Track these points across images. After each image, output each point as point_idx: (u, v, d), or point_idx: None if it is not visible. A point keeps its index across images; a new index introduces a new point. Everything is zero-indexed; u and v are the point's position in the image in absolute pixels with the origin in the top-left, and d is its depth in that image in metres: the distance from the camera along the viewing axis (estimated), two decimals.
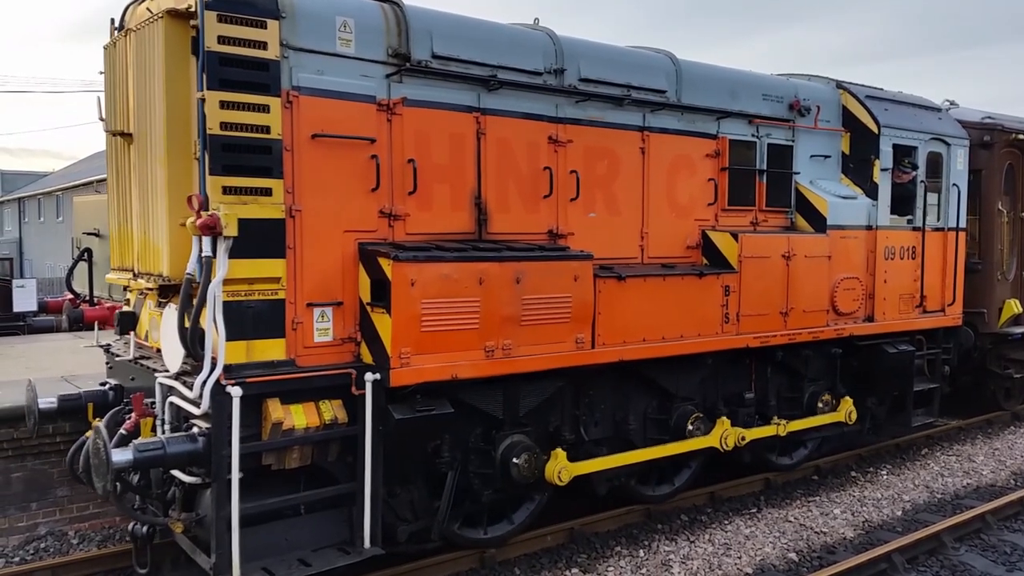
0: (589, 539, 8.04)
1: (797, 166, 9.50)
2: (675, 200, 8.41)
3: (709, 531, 8.38)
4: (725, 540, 8.13)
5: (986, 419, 13.58)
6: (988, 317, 12.21)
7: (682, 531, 8.39)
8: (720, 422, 8.44)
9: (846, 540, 8.32)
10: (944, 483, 10.24)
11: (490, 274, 6.45)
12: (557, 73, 7.46)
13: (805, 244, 9.00)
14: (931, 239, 10.47)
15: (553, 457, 7.27)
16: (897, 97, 10.55)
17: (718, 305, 8.23)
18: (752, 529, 8.45)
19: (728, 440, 8.45)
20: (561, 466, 7.24)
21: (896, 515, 9.07)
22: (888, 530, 8.60)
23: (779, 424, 9.02)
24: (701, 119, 8.60)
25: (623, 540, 8.09)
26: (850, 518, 8.89)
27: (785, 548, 8.00)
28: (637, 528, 8.42)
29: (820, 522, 8.72)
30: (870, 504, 9.34)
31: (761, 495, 9.56)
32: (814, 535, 8.36)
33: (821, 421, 9.45)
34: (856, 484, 10.08)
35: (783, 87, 9.41)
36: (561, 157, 7.49)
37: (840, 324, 9.47)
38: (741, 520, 8.70)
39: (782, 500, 9.41)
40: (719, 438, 8.40)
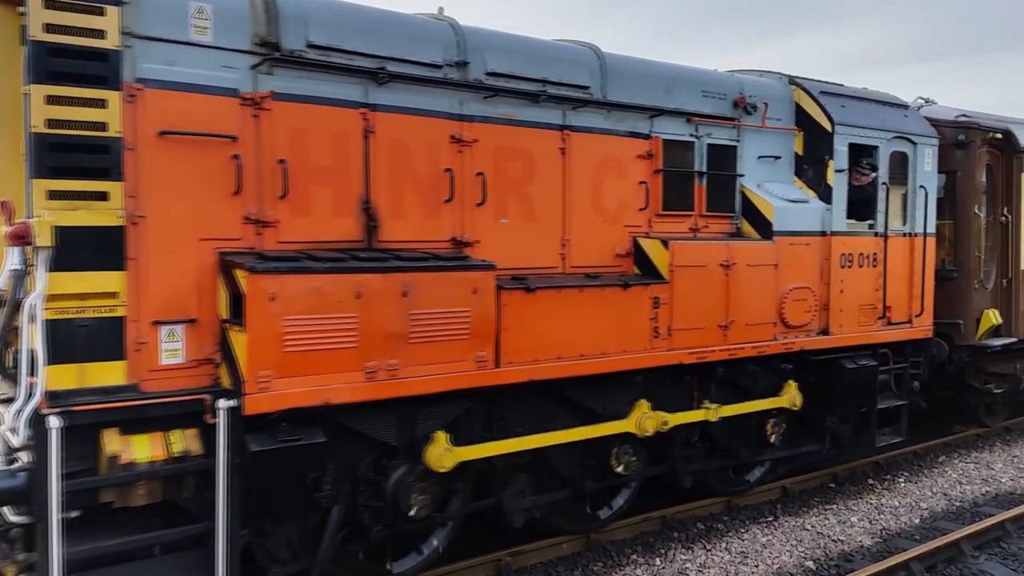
0: (605, 547, 7.97)
1: (742, 168, 8.83)
2: (602, 205, 7.75)
3: (726, 539, 8.31)
4: (742, 548, 8.08)
5: (1004, 426, 13.09)
6: (964, 328, 11.46)
7: (699, 539, 8.31)
8: (638, 405, 7.66)
9: (864, 548, 8.23)
10: (962, 490, 10.10)
11: (370, 287, 5.80)
12: (459, 66, 6.83)
13: (747, 252, 8.32)
14: (895, 245, 9.76)
15: (434, 441, 6.44)
16: (858, 93, 9.86)
17: (646, 319, 7.55)
18: (769, 537, 8.38)
19: (647, 424, 7.64)
20: (443, 450, 6.45)
21: (914, 523, 8.98)
22: (906, 538, 8.49)
23: (710, 408, 8.20)
24: (631, 117, 7.94)
25: (639, 548, 8.03)
26: (867, 526, 8.81)
27: (802, 556, 7.95)
28: (653, 536, 8.34)
29: (837, 530, 8.65)
30: (887, 512, 9.27)
31: (778, 503, 9.46)
32: (831, 543, 8.30)
33: (759, 406, 8.64)
34: (873, 491, 9.99)
35: (726, 83, 8.75)
36: (466, 158, 6.85)
37: (790, 338, 8.78)
38: (758, 528, 8.64)
39: (799, 508, 9.33)
40: (636, 422, 7.62)
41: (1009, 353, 12.41)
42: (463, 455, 6.54)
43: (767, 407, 8.69)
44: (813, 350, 9.07)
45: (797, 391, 8.91)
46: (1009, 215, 12.13)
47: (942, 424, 12.63)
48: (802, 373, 9.28)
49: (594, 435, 7.41)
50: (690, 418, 8.10)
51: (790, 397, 8.89)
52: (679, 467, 8.43)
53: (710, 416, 8.23)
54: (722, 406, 8.33)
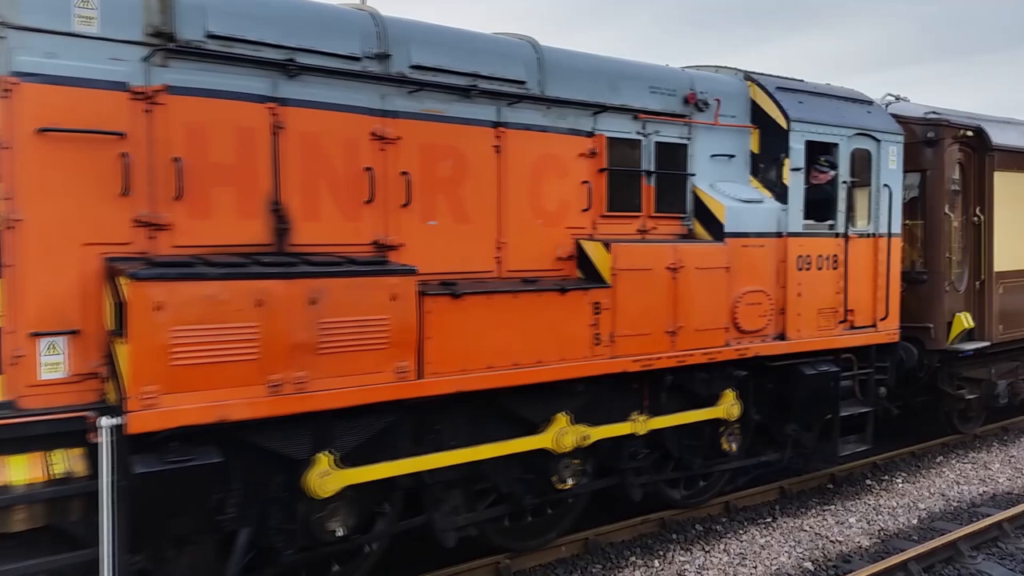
0: (604, 549, 7.98)
1: (694, 167, 8.45)
2: (541, 206, 7.37)
3: (724, 541, 8.32)
4: (740, 550, 8.09)
5: (1001, 426, 13.08)
6: (935, 332, 11.10)
7: (697, 541, 8.32)
8: (557, 419, 7.19)
9: (862, 549, 8.26)
10: (960, 491, 10.14)
11: (273, 294, 5.40)
12: (380, 59, 6.44)
13: (696, 254, 7.93)
14: (857, 246, 9.39)
15: (314, 464, 5.88)
16: (818, 89, 9.50)
17: (586, 325, 7.16)
18: (767, 538, 8.39)
19: (565, 440, 7.15)
20: (322, 473, 5.89)
21: (912, 523, 9.01)
22: (904, 538, 8.52)
23: (637, 420, 7.72)
24: (573, 114, 7.56)
25: (638, 550, 8.04)
26: (865, 527, 8.83)
27: (800, 557, 7.96)
28: (652, 538, 8.35)
29: (835, 531, 8.67)
30: (885, 512, 9.29)
31: (776, 504, 9.49)
32: (829, 544, 8.31)
33: (692, 417, 8.17)
34: (871, 492, 10.00)
35: (676, 79, 8.37)
36: (390, 156, 6.47)
37: (744, 343, 8.40)
38: (756, 529, 8.66)
39: (797, 509, 9.35)
40: (553, 438, 7.14)
41: (984, 358, 12.06)
42: (348, 478, 5.99)
43: (700, 418, 8.26)
44: (770, 356, 8.69)
45: (735, 400, 8.47)
46: (982, 215, 11.78)
47: (914, 432, 12.26)
48: (760, 380, 8.92)
49: (501, 453, 6.88)
50: (614, 432, 7.62)
51: (726, 407, 8.45)
52: (627, 479, 8.04)
53: (637, 429, 7.75)
54: (651, 418, 7.86)
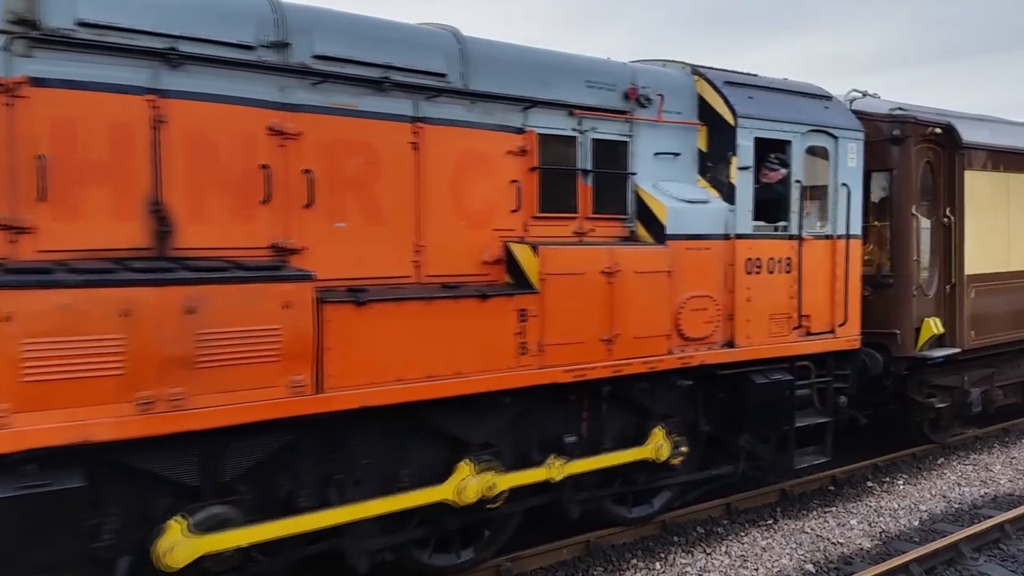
0: (605, 552, 7.95)
1: (635, 166, 8.01)
2: (465, 206, 6.93)
3: (726, 543, 8.31)
4: (742, 552, 8.09)
5: (1002, 427, 13.02)
6: (902, 338, 10.63)
7: (698, 543, 8.29)
8: (459, 468, 6.70)
9: (863, 551, 8.27)
10: (961, 492, 10.16)
11: (142, 303, 4.95)
12: (278, 47, 5.99)
13: (634, 258, 7.50)
14: (812, 249, 8.95)
15: (165, 531, 5.34)
16: (771, 84, 9.06)
17: (511, 333, 6.72)
18: (769, 541, 8.39)
19: (468, 492, 6.65)
20: (173, 543, 5.32)
21: (913, 525, 9.02)
22: (905, 540, 8.53)
23: (553, 465, 7.22)
24: (500, 109, 7.13)
25: (639, 553, 8.02)
26: (867, 528, 8.84)
27: (802, 559, 7.96)
28: (653, 541, 8.31)
29: (837, 533, 8.68)
30: (887, 514, 9.30)
31: (777, 506, 9.48)
32: (831, 546, 8.32)
33: (614, 460, 7.69)
34: (872, 494, 10.01)
35: (615, 73, 7.94)
36: (290, 152, 6.02)
37: (689, 351, 7.95)
38: (757, 532, 8.66)
39: (798, 511, 9.34)
40: (455, 489, 6.65)
41: (956, 365, 11.62)
42: (204, 546, 5.41)
43: (624, 461, 7.78)
44: (719, 364, 8.25)
45: (664, 439, 8.00)
46: (952, 216, 11.33)
47: (884, 441, 11.82)
48: (710, 389, 8.49)
49: (391, 509, 6.34)
50: (526, 479, 7.12)
51: (653, 447, 7.97)
52: (565, 495, 7.58)
53: (553, 475, 7.23)
54: (570, 461, 7.34)
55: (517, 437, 7.25)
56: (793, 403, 8.83)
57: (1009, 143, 12.40)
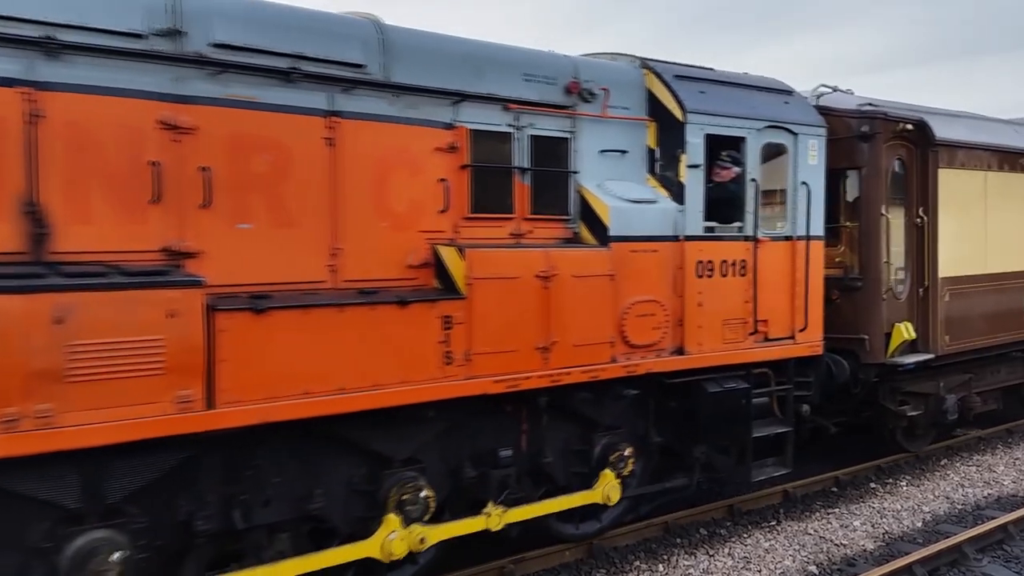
0: (608, 554, 7.96)
1: (578, 164, 7.60)
2: (388, 207, 6.50)
3: (728, 545, 8.31)
4: (745, 554, 8.08)
5: (1005, 428, 12.94)
6: (871, 344, 10.20)
7: (701, 545, 8.30)
8: (387, 521, 6.26)
9: (866, 552, 8.27)
10: (964, 493, 10.17)
11: (4, 312, 4.53)
12: (171, 35, 5.57)
13: (573, 261, 7.08)
14: (769, 251, 8.52)
15: None
16: (726, 78, 8.64)
17: (434, 342, 6.30)
18: (772, 542, 8.39)
19: (394, 546, 6.19)
20: None
21: (916, 526, 9.04)
22: (909, 542, 8.53)
23: (490, 515, 6.83)
24: (427, 103, 6.71)
25: (642, 555, 8.02)
26: (870, 530, 8.85)
27: (805, 561, 7.95)
28: (656, 542, 8.32)
29: (840, 534, 8.69)
30: (890, 515, 9.31)
31: (780, 508, 9.49)
32: (834, 547, 8.32)
33: (558, 507, 7.33)
34: (875, 495, 10.03)
35: (555, 65, 7.52)
36: (186, 148, 5.59)
37: (635, 359, 7.54)
38: (760, 533, 8.65)
39: (801, 513, 9.34)
40: (380, 544, 6.20)
41: (930, 371, 11.19)
42: None
43: (570, 506, 7.41)
44: (668, 372, 7.84)
45: (615, 483, 7.60)
46: (925, 216, 10.90)
47: (857, 451, 11.39)
48: (662, 398, 8.08)
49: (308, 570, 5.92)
50: (460, 531, 6.73)
51: (603, 491, 7.55)
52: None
53: (491, 525, 6.84)
54: (509, 509, 6.95)
55: (446, 452, 6.83)
56: (749, 412, 8.41)
57: (987, 140, 11.99)
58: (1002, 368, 12.87)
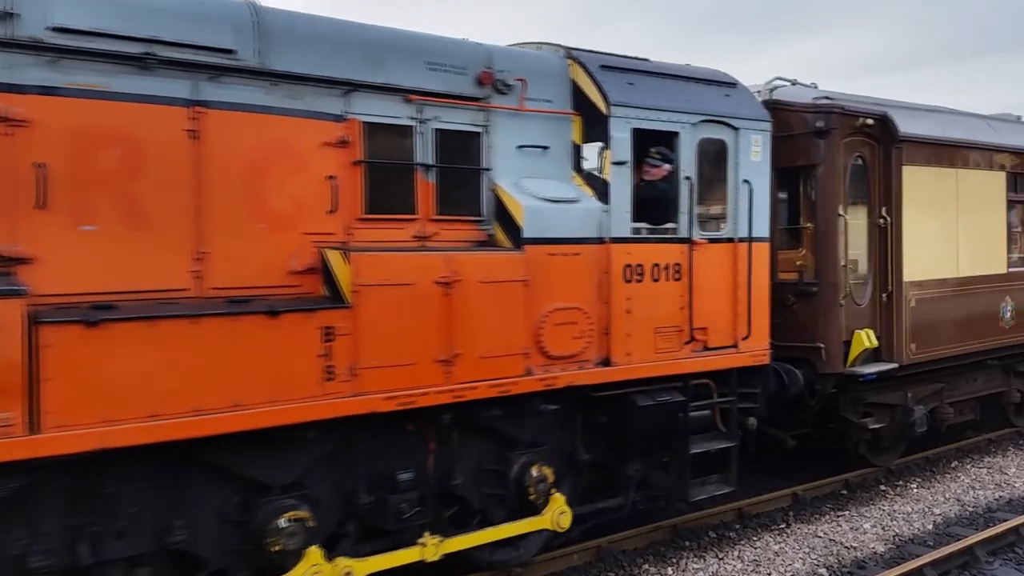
0: (616, 557, 7.94)
1: (492, 160, 7.01)
2: (265, 206, 5.91)
3: (738, 548, 8.28)
4: (754, 557, 8.06)
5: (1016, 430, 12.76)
6: (828, 353, 9.56)
7: (710, 548, 8.27)
8: (308, 555, 5.71)
9: (877, 555, 8.22)
10: (975, 496, 10.11)
11: None
12: (3, 18, 4.99)
13: (481, 265, 6.48)
14: (706, 253, 7.91)
15: None
16: (659, 69, 8.03)
17: (313, 356, 5.70)
18: (781, 545, 8.36)
19: None
20: None
21: (927, 529, 8.99)
22: (919, 544, 8.49)
23: (428, 543, 6.30)
24: (312, 93, 6.13)
25: (651, 558, 8.00)
26: (880, 532, 8.81)
27: (815, 564, 7.93)
28: (665, 546, 8.32)
29: (850, 537, 8.64)
30: (900, 518, 9.27)
31: (790, 510, 9.48)
32: (844, 550, 8.28)
33: (503, 534, 6.79)
34: (885, 498, 10.00)
35: (465, 54, 6.93)
36: (18, 142, 5.01)
37: (554, 371, 6.93)
38: (770, 536, 8.64)
39: (811, 515, 9.33)
40: None
41: (896, 380, 10.56)
42: None
43: (516, 533, 6.89)
44: (596, 385, 7.23)
45: (565, 508, 7.06)
46: (889, 216, 10.27)
47: (821, 465, 10.77)
48: (591, 413, 7.47)
49: None
50: (392, 563, 6.20)
51: (552, 516, 7.02)
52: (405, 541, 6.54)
53: (427, 555, 6.33)
54: (447, 539, 6.46)
55: (337, 476, 6.22)
56: (686, 427, 7.80)
57: (958, 136, 11.36)
58: (978, 377, 12.22)
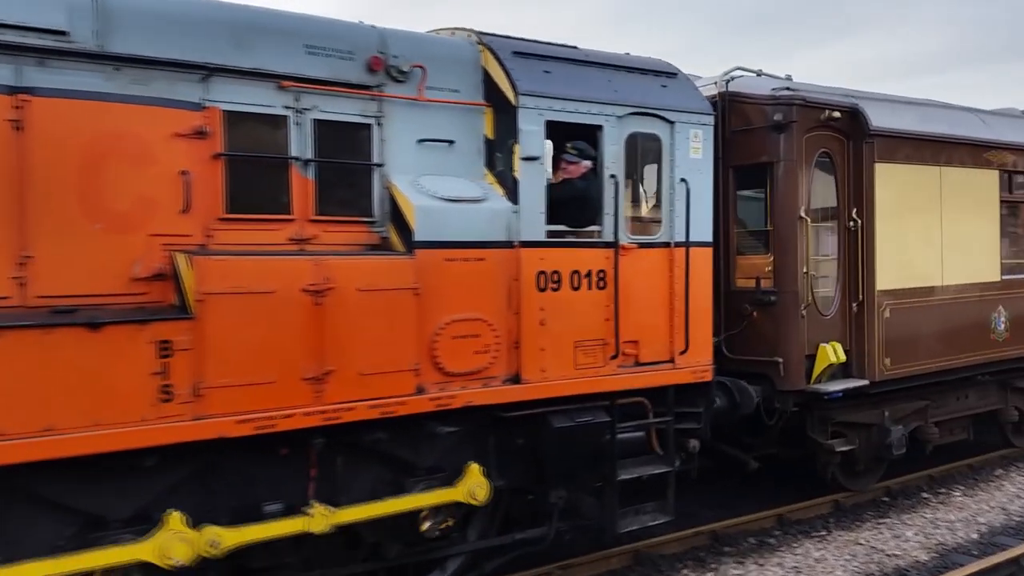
0: (655, 561, 7.95)
1: (387, 155, 6.34)
2: (102, 205, 5.26)
3: (778, 554, 8.24)
4: (795, 563, 8.00)
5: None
6: (787, 368, 8.76)
7: (750, 554, 8.23)
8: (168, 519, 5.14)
9: (919, 563, 8.12)
10: (1022, 505, 9.95)
11: None
12: None
13: (360, 272, 5.81)
14: (636, 259, 7.17)
15: None
16: (585, 57, 7.31)
17: (145, 373, 5.05)
18: (822, 552, 8.29)
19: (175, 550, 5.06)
20: None
21: (971, 538, 8.84)
22: (963, 553, 8.36)
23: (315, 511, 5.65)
24: (164, 78, 5.50)
25: (690, 563, 7.98)
26: (923, 540, 8.69)
27: (856, 571, 7.87)
28: (704, 551, 8.30)
29: (892, 544, 8.55)
30: (943, 526, 9.15)
31: (830, 517, 9.43)
32: (886, 558, 8.20)
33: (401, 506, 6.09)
34: (928, 506, 9.90)
35: (352, 37, 6.26)
36: None
37: (451, 389, 6.23)
38: (811, 543, 8.58)
39: (852, 522, 9.27)
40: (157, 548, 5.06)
41: (872, 398, 9.75)
42: None
43: (422, 505, 6.17)
44: (503, 404, 6.53)
45: (481, 480, 6.34)
46: (860, 219, 9.46)
47: (791, 490, 9.99)
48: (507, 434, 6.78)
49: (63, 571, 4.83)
50: (270, 533, 5.52)
51: (467, 488, 6.32)
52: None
53: (314, 526, 5.63)
54: (340, 509, 5.76)
55: (193, 507, 5.54)
56: (612, 450, 7.06)
57: (941, 130, 10.50)
58: (970, 394, 11.34)
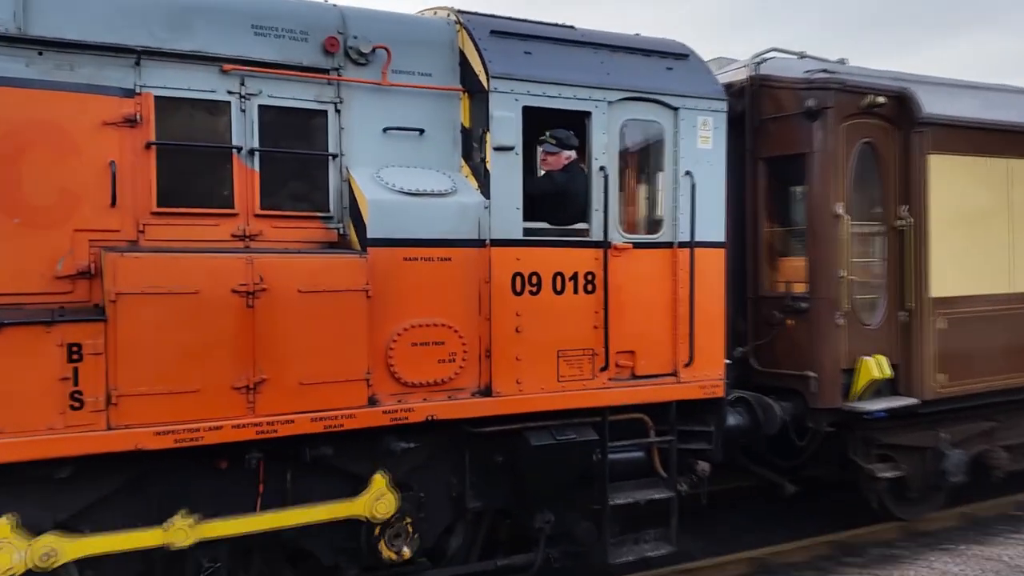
0: (777, 570, 7.88)
1: (347, 144, 5.83)
2: (21, 199, 4.93)
3: (904, 567, 7.97)
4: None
5: None
6: (820, 384, 7.88)
7: (874, 566, 8.00)
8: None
9: None
10: None
11: None
12: None
13: (301, 271, 5.31)
14: (632, 261, 6.46)
15: None
16: (574, 36, 6.62)
17: (53, 379, 4.67)
18: (962, 567, 7.97)
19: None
20: None
21: None
22: None
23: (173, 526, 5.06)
24: (92, 63, 5.13)
25: (811, 573, 7.87)
26: None
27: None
28: (826, 560, 8.18)
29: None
30: None
31: (958, 531, 9.20)
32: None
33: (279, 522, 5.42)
34: None
35: (306, 15, 5.77)
36: None
37: (410, 401, 5.67)
38: (947, 557, 8.27)
39: (982, 535, 9.02)
40: None
41: (927, 418, 8.73)
42: None
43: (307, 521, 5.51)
44: (479, 419, 5.94)
45: (387, 489, 5.71)
46: (910, 217, 8.49)
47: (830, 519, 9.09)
48: (485, 452, 6.20)
49: None
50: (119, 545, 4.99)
51: (367, 502, 5.66)
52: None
53: (174, 539, 5.05)
54: (203, 522, 5.18)
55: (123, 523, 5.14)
56: (603, 472, 6.37)
57: (1011, 118, 9.36)
58: None
